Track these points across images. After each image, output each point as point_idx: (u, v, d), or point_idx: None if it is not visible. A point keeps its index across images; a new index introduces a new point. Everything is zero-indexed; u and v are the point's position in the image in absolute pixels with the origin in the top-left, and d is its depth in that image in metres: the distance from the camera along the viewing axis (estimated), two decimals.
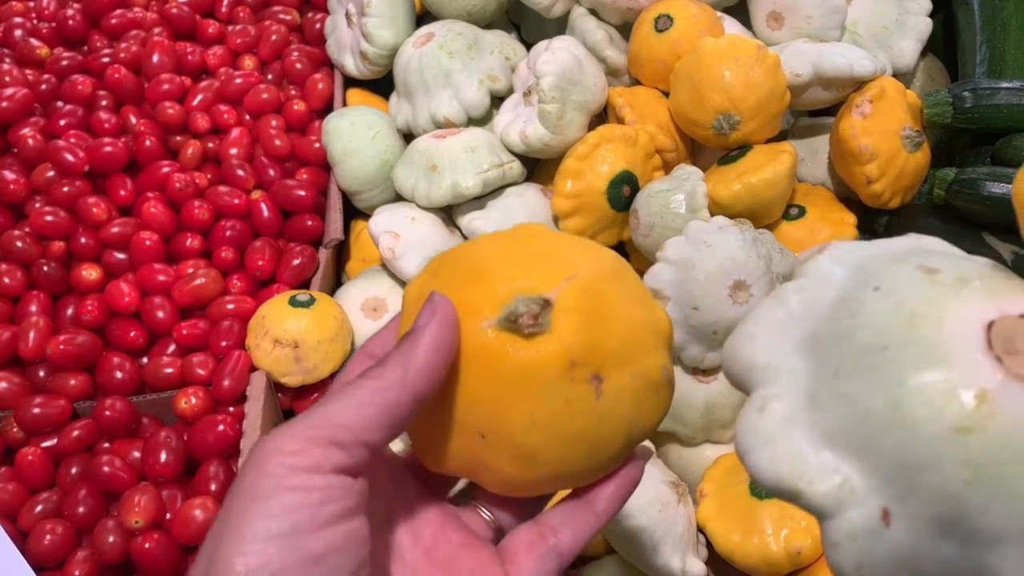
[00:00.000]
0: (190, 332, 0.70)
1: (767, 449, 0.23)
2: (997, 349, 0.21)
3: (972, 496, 0.20)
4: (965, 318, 0.21)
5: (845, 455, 0.22)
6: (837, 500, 0.22)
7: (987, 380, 0.20)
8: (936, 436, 0.20)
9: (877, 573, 0.22)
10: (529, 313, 0.28)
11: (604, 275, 0.30)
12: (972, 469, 0.20)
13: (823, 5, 0.72)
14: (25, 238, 0.73)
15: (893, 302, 0.22)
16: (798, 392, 0.23)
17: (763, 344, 0.24)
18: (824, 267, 0.26)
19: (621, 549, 0.56)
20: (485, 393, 0.28)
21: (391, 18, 0.79)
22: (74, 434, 0.65)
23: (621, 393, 0.29)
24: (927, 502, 0.21)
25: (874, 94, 0.66)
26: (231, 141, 0.81)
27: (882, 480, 0.21)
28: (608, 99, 0.73)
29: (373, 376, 0.27)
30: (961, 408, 0.20)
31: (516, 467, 0.29)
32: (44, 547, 0.60)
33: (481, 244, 0.31)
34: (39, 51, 0.86)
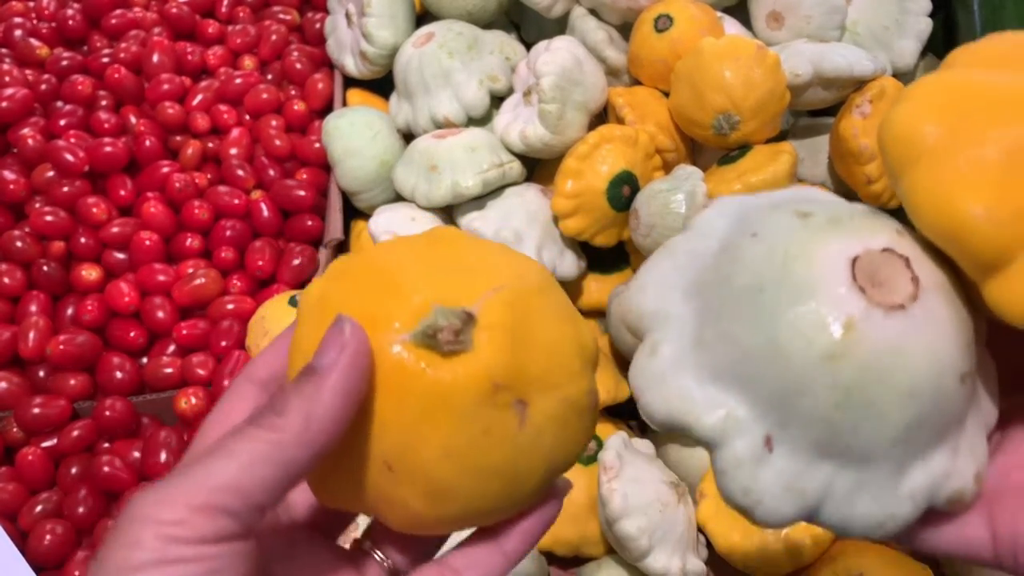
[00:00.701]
0: (190, 332, 0.70)
1: (658, 389, 0.24)
2: (861, 281, 0.22)
3: (843, 418, 0.22)
4: (832, 254, 0.23)
5: (730, 389, 0.23)
6: (723, 431, 0.23)
7: (851, 310, 0.22)
8: (808, 364, 0.22)
9: (763, 496, 0.23)
10: (450, 328, 0.24)
11: (530, 288, 0.27)
12: (841, 393, 0.22)
13: (823, 5, 0.72)
14: (25, 238, 0.73)
15: (768, 246, 0.24)
16: (685, 335, 0.25)
17: (653, 292, 0.26)
18: (709, 219, 0.27)
19: (621, 549, 0.56)
20: (394, 419, 0.25)
21: (391, 18, 0.79)
22: (74, 434, 0.65)
23: (545, 421, 0.26)
24: (804, 427, 0.23)
25: (874, 94, 0.66)
26: (231, 141, 0.81)
27: (764, 410, 0.23)
28: (608, 99, 0.73)
29: (268, 427, 0.23)
30: (829, 337, 0.22)
31: (426, 503, 0.25)
32: (44, 547, 0.60)
33: (393, 247, 0.28)
34: (39, 51, 0.86)
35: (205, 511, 0.22)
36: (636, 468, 0.57)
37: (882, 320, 0.22)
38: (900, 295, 0.22)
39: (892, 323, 0.22)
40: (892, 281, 0.23)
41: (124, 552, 0.21)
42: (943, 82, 0.24)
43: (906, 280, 0.23)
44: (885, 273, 0.23)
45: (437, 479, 0.25)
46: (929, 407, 0.22)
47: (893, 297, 0.22)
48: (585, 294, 0.76)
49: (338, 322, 0.24)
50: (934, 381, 0.22)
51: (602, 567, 0.60)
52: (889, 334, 0.22)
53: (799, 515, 0.23)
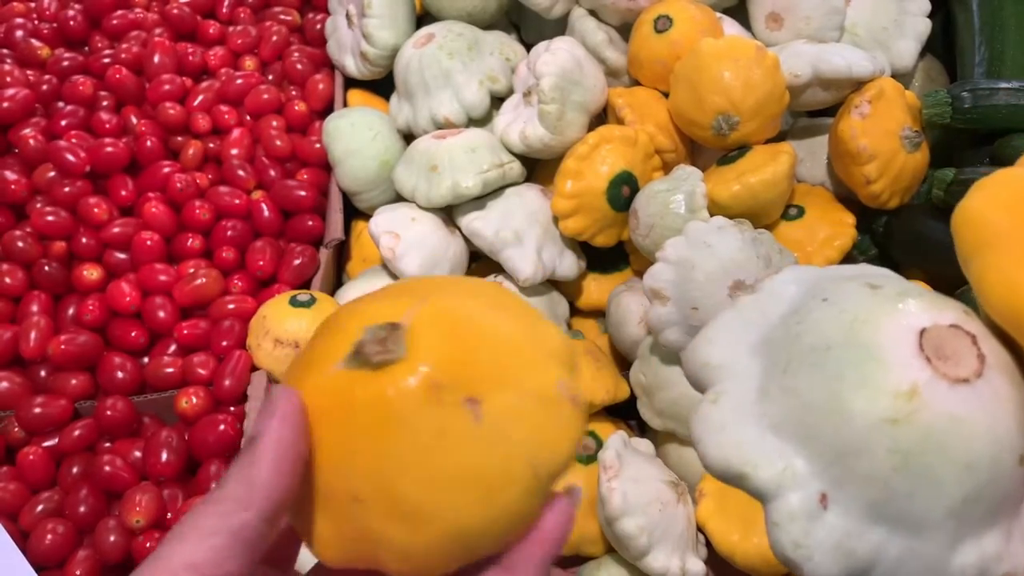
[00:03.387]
0: (191, 332, 0.71)
1: (717, 436, 0.24)
2: (928, 352, 0.23)
3: (899, 483, 0.22)
4: (901, 324, 0.24)
5: (789, 443, 0.24)
6: (779, 484, 0.23)
7: (917, 377, 0.23)
8: (869, 426, 0.22)
9: (813, 552, 0.23)
10: (374, 340, 0.24)
11: (464, 297, 0.27)
12: (900, 457, 0.22)
13: (822, 6, 0.72)
14: (26, 238, 0.73)
15: (838, 309, 0.24)
16: (749, 387, 0.25)
17: (720, 346, 0.26)
18: (779, 284, 0.28)
19: (620, 548, 0.57)
20: (347, 449, 0.24)
21: (391, 19, 0.80)
22: (75, 434, 0.65)
23: (507, 416, 0.24)
24: (860, 488, 0.23)
25: (873, 95, 0.66)
26: (232, 141, 0.81)
27: (822, 467, 0.23)
28: (608, 100, 0.74)
29: (213, 500, 0.24)
30: (892, 401, 0.22)
31: (405, 529, 0.24)
32: (45, 547, 0.60)
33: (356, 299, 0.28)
34: (40, 52, 0.87)
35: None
36: (636, 467, 0.57)
37: (946, 391, 0.22)
38: (965, 369, 0.23)
39: (956, 395, 0.22)
40: (958, 355, 0.23)
41: None
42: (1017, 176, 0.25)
43: (972, 356, 0.23)
44: (952, 347, 0.23)
45: (403, 497, 0.24)
46: (986, 482, 0.23)
47: (958, 370, 0.23)
48: (585, 294, 0.76)
49: (273, 391, 0.25)
50: (993, 457, 0.23)
51: (602, 566, 0.60)
52: (952, 405, 0.22)
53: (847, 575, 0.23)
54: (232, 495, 0.24)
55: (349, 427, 0.24)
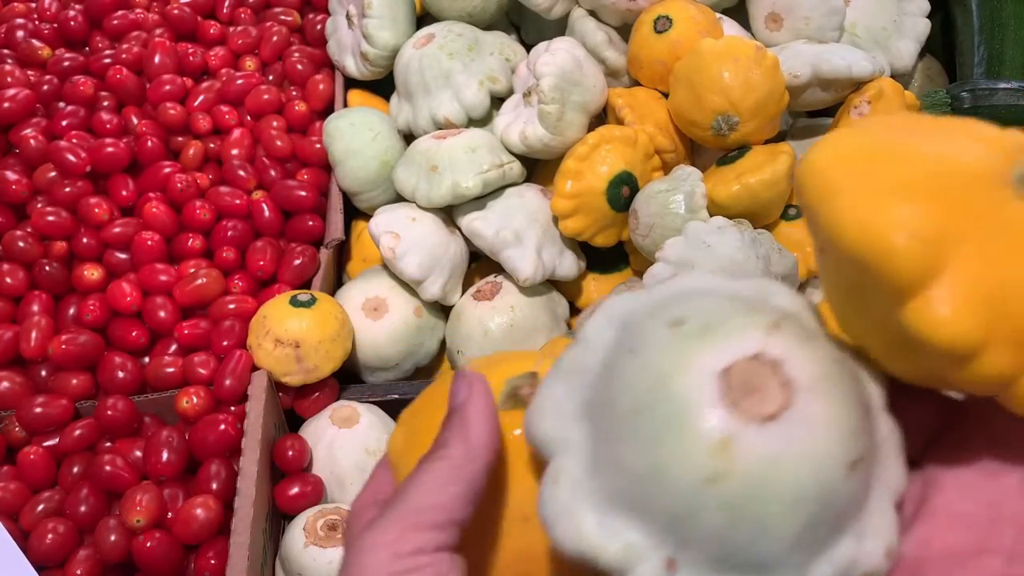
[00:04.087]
0: (191, 332, 0.71)
1: (564, 523, 0.24)
2: (734, 394, 0.22)
3: (736, 534, 0.22)
4: (702, 370, 0.23)
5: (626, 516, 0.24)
6: (627, 559, 0.23)
7: (725, 429, 0.22)
8: (692, 488, 0.22)
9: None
10: (527, 384, 0.29)
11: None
12: (728, 511, 0.22)
13: (822, 6, 0.72)
14: (27, 238, 0.73)
15: (642, 364, 0.24)
16: (581, 460, 0.25)
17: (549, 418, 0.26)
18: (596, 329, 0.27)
19: None
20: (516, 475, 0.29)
21: (392, 19, 0.80)
22: (76, 433, 0.65)
23: None
24: (702, 546, 0.23)
25: (872, 95, 0.66)
26: (232, 142, 0.81)
27: (661, 534, 0.23)
28: (608, 100, 0.74)
29: (441, 457, 0.27)
30: (707, 460, 0.22)
31: None
32: (46, 546, 0.60)
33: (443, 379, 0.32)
34: (41, 52, 0.87)
35: (417, 527, 0.26)
36: None
37: (756, 434, 0.22)
38: (771, 404, 0.22)
39: (766, 435, 0.22)
40: (764, 390, 0.23)
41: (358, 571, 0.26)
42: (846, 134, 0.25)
43: (776, 386, 0.23)
44: (755, 383, 0.23)
45: None
46: (818, 508, 0.23)
47: (765, 407, 0.22)
48: (585, 294, 0.76)
49: (460, 373, 0.29)
50: (818, 484, 0.22)
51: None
52: (765, 447, 0.22)
53: None
54: (456, 452, 0.27)
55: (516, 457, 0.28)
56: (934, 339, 0.21)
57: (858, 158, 0.23)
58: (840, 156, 0.23)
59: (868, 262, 0.22)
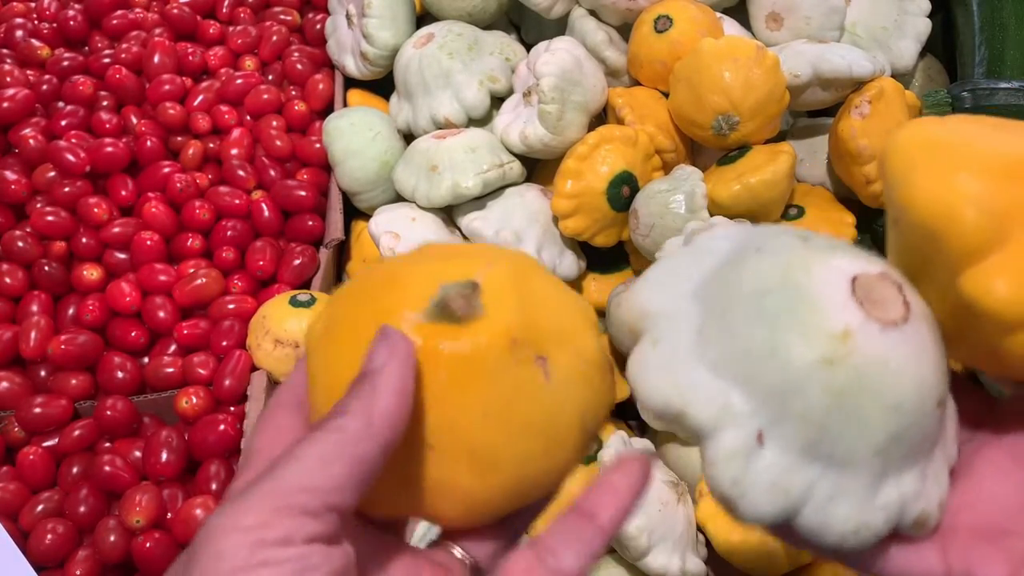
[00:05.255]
0: (191, 332, 0.71)
1: (656, 377, 0.25)
2: (859, 297, 0.24)
3: (832, 421, 0.23)
4: (834, 271, 0.24)
5: (728, 383, 0.24)
6: (717, 422, 0.24)
7: (850, 320, 0.24)
8: (806, 366, 0.23)
9: (748, 489, 0.24)
10: (460, 295, 0.25)
11: (521, 263, 0.29)
12: (834, 396, 0.23)
13: (822, 6, 0.72)
14: (26, 238, 0.73)
15: (773, 258, 0.25)
16: (688, 331, 0.26)
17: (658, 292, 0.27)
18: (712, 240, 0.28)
19: (620, 548, 0.57)
20: (426, 398, 0.25)
21: (391, 19, 0.80)
22: (75, 434, 0.65)
23: (569, 374, 0.26)
24: (796, 426, 0.24)
25: (873, 95, 0.66)
26: (232, 141, 0.81)
27: (759, 405, 0.24)
28: (608, 100, 0.74)
29: (332, 428, 0.23)
30: (827, 343, 0.23)
31: (473, 475, 0.26)
32: (45, 546, 0.60)
33: (384, 263, 0.30)
34: (40, 52, 0.87)
35: (285, 512, 0.22)
36: None
37: (877, 334, 0.23)
38: (894, 314, 0.24)
39: (886, 338, 0.23)
40: (887, 302, 0.24)
41: (210, 563, 0.21)
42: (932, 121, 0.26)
43: (899, 303, 0.24)
44: (880, 294, 0.24)
45: (480, 444, 0.25)
46: (909, 424, 0.24)
47: (888, 315, 0.24)
48: (585, 294, 0.76)
49: (384, 331, 0.25)
50: (917, 399, 0.24)
51: (601, 566, 0.60)
52: (882, 347, 0.23)
53: (781, 513, 0.24)
54: (353, 425, 0.23)
55: (431, 379, 0.25)
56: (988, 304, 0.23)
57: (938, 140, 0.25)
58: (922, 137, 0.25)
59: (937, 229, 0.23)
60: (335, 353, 0.26)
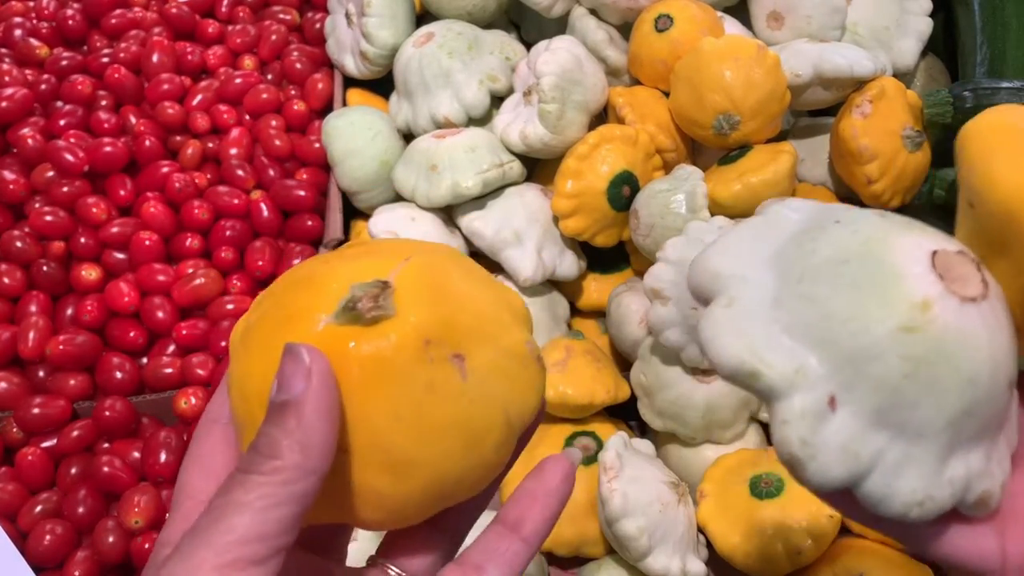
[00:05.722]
0: (190, 332, 0.70)
1: (731, 336, 0.25)
2: (942, 270, 0.24)
3: (908, 389, 0.23)
4: (914, 244, 0.25)
5: (803, 345, 0.24)
6: (791, 383, 0.24)
7: (931, 291, 0.24)
8: (885, 332, 0.24)
9: (818, 450, 0.24)
10: (368, 295, 0.25)
11: (440, 257, 0.28)
12: (912, 364, 0.23)
13: (823, 5, 0.72)
14: (25, 238, 0.73)
15: (852, 229, 0.26)
16: (762, 295, 0.26)
17: (731, 257, 0.27)
18: (782, 212, 0.29)
19: (621, 549, 0.56)
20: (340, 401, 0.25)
21: (391, 18, 0.79)
22: (74, 434, 0.65)
23: (488, 371, 0.26)
24: (870, 392, 0.24)
25: (874, 94, 0.66)
26: (231, 141, 0.81)
27: (833, 369, 0.24)
28: (608, 99, 0.73)
29: (268, 471, 0.23)
30: (908, 311, 0.23)
31: (390, 479, 0.25)
32: (44, 547, 0.60)
33: (305, 263, 0.29)
34: (39, 51, 0.86)
35: (234, 566, 0.22)
36: (636, 468, 0.57)
37: (957, 306, 0.24)
38: (973, 290, 0.24)
39: (965, 311, 0.24)
40: (965, 278, 0.24)
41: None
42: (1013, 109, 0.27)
43: (978, 280, 0.24)
44: (959, 270, 0.24)
45: (394, 447, 0.25)
46: (983, 398, 0.24)
47: (967, 290, 0.24)
48: (585, 294, 0.76)
49: (293, 350, 0.23)
50: (991, 374, 0.24)
51: (602, 567, 0.60)
52: (961, 320, 0.24)
53: (849, 477, 0.24)
54: (289, 464, 0.23)
55: (343, 380, 0.24)
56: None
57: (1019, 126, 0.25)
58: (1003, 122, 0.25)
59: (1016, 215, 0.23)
60: (250, 359, 0.26)
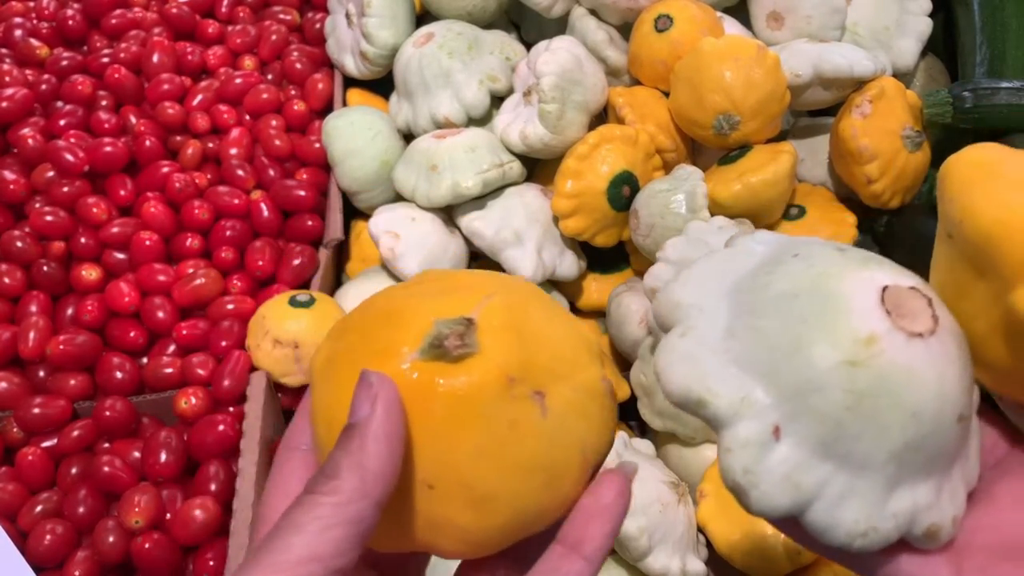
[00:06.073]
0: (190, 332, 0.70)
1: (681, 364, 0.26)
2: (888, 307, 0.25)
3: (851, 422, 0.24)
4: (865, 280, 0.25)
5: (751, 376, 0.25)
6: (737, 412, 0.24)
7: (877, 327, 0.24)
8: (829, 366, 0.24)
9: (761, 479, 0.24)
10: (454, 333, 0.25)
11: (521, 294, 0.28)
12: (854, 397, 0.24)
13: (823, 5, 0.72)
14: (25, 238, 0.73)
15: (807, 264, 0.26)
16: (717, 326, 0.26)
17: (692, 288, 0.28)
18: (751, 243, 0.29)
19: (621, 549, 0.56)
20: (424, 438, 0.25)
21: (391, 18, 0.79)
22: (74, 434, 0.65)
23: (567, 408, 0.27)
24: (813, 423, 0.24)
25: (874, 94, 0.66)
26: (231, 141, 0.81)
27: (779, 400, 0.24)
28: (608, 99, 0.73)
29: (328, 492, 0.24)
30: (852, 346, 0.24)
31: (472, 514, 0.26)
32: (44, 547, 0.60)
33: (384, 294, 0.29)
34: (39, 51, 0.86)
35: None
36: None
37: (903, 342, 0.24)
38: (921, 325, 0.25)
39: (911, 347, 0.24)
40: (915, 314, 0.25)
41: None
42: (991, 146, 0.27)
43: (927, 316, 0.25)
44: (909, 307, 0.25)
45: (478, 483, 0.25)
46: (928, 433, 0.24)
47: (915, 326, 0.25)
48: (585, 294, 0.76)
49: (363, 377, 0.25)
50: (936, 410, 0.24)
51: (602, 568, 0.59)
52: (907, 356, 0.24)
53: (791, 506, 0.24)
54: (347, 487, 0.23)
55: (427, 418, 0.25)
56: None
57: (1000, 160, 0.26)
58: (981, 158, 0.26)
59: (994, 240, 0.24)
60: (334, 389, 0.27)
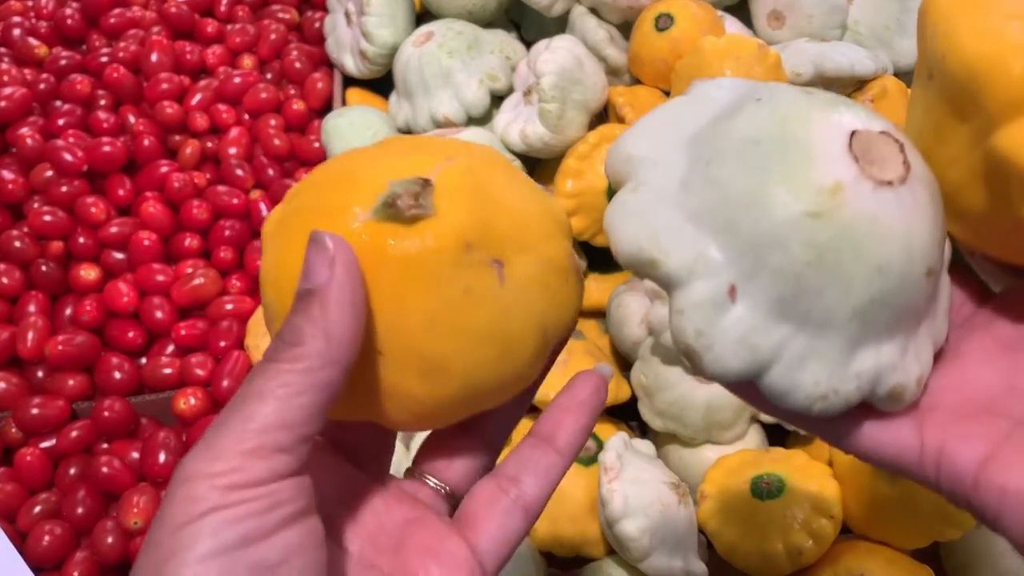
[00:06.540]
0: (189, 332, 0.70)
1: (632, 222, 0.23)
2: (856, 152, 0.23)
3: (811, 278, 0.22)
4: (832, 124, 0.23)
5: (706, 232, 0.23)
6: (690, 271, 0.23)
7: (842, 174, 0.22)
8: (789, 218, 0.22)
9: (714, 342, 0.22)
10: (408, 193, 0.24)
11: (486, 159, 0.27)
12: (815, 251, 0.22)
13: (824, 4, 0.72)
14: (24, 238, 0.73)
15: (771, 108, 0.24)
16: (672, 179, 0.24)
17: (645, 140, 0.25)
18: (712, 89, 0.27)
19: (621, 550, 0.56)
20: (374, 302, 0.24)
21: (391, 17, 0.79)
22: (73, 435, 0.65)
23: (528, 280, 0.25)
24: (771, 281, 0.22)
25: (876, 93, 0.66)
26: (230, 140, 0.81)
27: (735, 257, 0.23)
28: (608, 98, 0.73)
29: (291, 358, 0.23)
30: (815, 196, 0.22)
31: (423, 382, 0.25)
32: (43, 548, 0.60)
33: (344, 155, 0.28)
34: (37, 50, 0.86)
35: (257, 453, 0.22)
36: (637, 469, 0.57)
37: (869, 191, 0.22)
38: (891, 173, 0.23)
39: (878, 197, 0.22)
40: (885, 161, 0.23)
41: (183, 507, 0.21)
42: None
43: (898, 163, 0.23)
44: (879, 152, 0.23)
45: (429, 351, 0.24)
46: (894, 288, 0.23)
47: (884, 174, 0.23)
48: (585, 294, 0.75)
49: (316, 238, 0.23)
50: (904, 263, 0.22)
51: (602, 568, 0.59)
52: (873, 206, 0.22)
53: (747, 370, 0.23)
54: (312, 352, 0.22)
55: (378, 281, 0.24)
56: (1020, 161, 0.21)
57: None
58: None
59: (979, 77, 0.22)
60: (284, 251, 0.25)
